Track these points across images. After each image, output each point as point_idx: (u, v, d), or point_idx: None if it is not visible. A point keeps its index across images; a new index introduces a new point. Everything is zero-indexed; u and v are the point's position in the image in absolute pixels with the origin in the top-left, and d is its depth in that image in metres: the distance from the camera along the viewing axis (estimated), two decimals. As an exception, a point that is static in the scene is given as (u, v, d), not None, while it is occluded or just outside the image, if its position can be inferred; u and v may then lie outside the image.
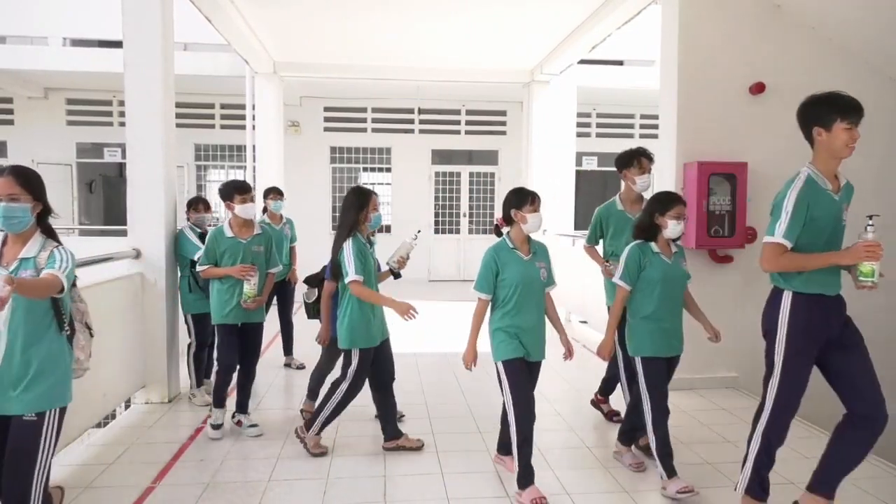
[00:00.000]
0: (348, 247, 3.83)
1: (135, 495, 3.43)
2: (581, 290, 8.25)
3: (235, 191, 4.29)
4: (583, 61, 9.48)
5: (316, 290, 4.67)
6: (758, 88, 5.37)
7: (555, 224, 10.14)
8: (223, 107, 12.72)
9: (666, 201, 3.56)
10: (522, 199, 3.55)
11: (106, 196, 14.24)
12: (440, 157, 13.41)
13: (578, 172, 11.21)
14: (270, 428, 4.48)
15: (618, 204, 4.58)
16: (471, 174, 13.39)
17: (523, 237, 3.57)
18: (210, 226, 5.19)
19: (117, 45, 5.52)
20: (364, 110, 13.13)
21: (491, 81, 10.68)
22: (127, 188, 5.00)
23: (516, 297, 3.40)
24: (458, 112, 13.30)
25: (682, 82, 5.31)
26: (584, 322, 8.31)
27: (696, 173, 5.20)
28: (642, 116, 13.34)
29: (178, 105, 5.44)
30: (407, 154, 13.19)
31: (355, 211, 3.95)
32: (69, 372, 2.61)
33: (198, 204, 5.13)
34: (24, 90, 11.92)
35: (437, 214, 13.35)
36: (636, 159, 4.47)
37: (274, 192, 6.01)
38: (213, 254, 4.25)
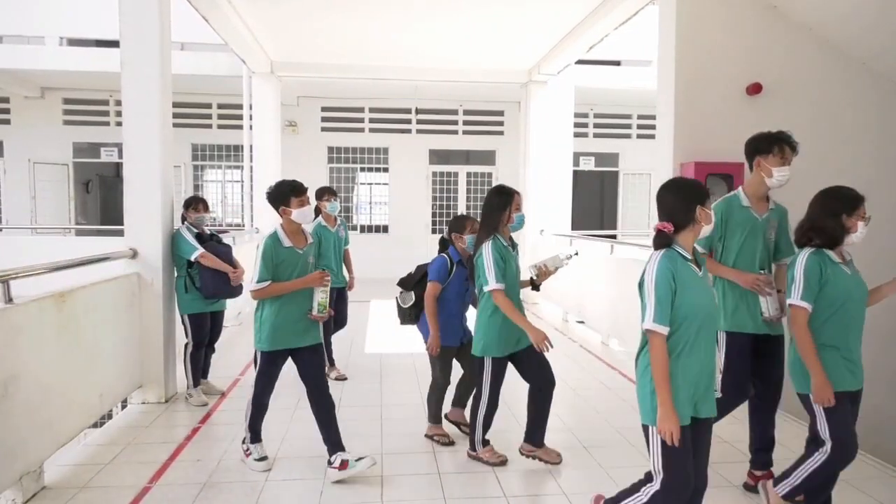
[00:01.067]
0: (488, 250, 3.55)
1: (131, 495, 3.42)
2: (578, 290, 8.26)
3: (292, 192, 3.66)
4: (580, 61, 9.50)
5: (412, 293, 4.26)
6: (755, 89, 5.38)
7: (552, 224, 10.16)
8: (220, 106, 12.70)
9: (853, 199, 3.03)
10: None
11: (102, 196, 14.23)
12: (438, 157, 13.41)
13: (575, 172, 11.22)
14: (269, 428, 4.47)
15: (742, 199, 3.71)
16: (468, 174, 13.39)
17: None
18: (207, 226, 5.17)
19: (114, 44, 5.50)
20: (361, 110, 13.12)
21: (488, 81, 10.68)
22: (124, 188, 4.99)
23: None
24: (455, 112, 13.30)
25: (679, 83, 5.31)
26: (582, 322, 8.31)
27: (693, 174, 5.20)
28: (639, 117, 13.36)
29: (175, 105, 5.42)
30: (404, 154, 13.19)
31: (497, 211, 3.66)
32: None
33: (197, 204, 5.05)
34: (21, 90, 11.89)
35: (434, 214, 13.34)
36: (777, 146, 3.55)
37: (329, 193, 5.60)
38: (272, 267, 3.56)
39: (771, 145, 3.55)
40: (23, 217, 12.22)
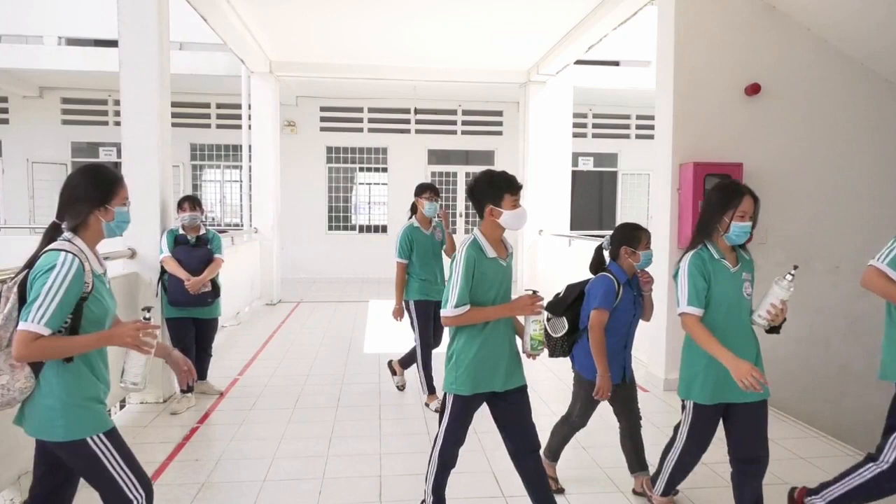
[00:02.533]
0: (686, 263, 2.79)
1: (129, 495, 3.41)
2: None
3: (508, 188, 2.78)
4: (579, 62, 9.50)
5: (564, 319, 3.42)
6: (753, 89, 5.38)
7: (551, 224, 10.17)
8: (219, 106, 12.70)
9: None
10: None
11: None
12: (437, 157, 13.41)
13: (574, 173, 11.23)
14: (268, 428, 4.47)
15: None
16: (467, 174, 13.39)
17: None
18: (204, 225, 5.12)
19: (113, 44, 5.52)
20: (360, 110, 13.12)
21: (487, 82, 10.68)
22: (122, 187, 4.98)
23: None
24: (454, 112, 13.30)
25: (678, 83, 5.32)
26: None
27: (692, 174, 5.21)
28: (638, 117, 13.37)
29: (173, 104, 5.42)
30: (403, 154, 13.19)
31: (718, 212, 2.79)
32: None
33: (182, 203, 4.91)
34: (19, 89, 11.88)
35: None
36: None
37: (430, 190, 4.93)
38: (471, 286, 2.75)
39: None
40: (21, 217, 12.21)
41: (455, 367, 2.80)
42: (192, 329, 4.97)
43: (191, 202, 4.91)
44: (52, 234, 2.18)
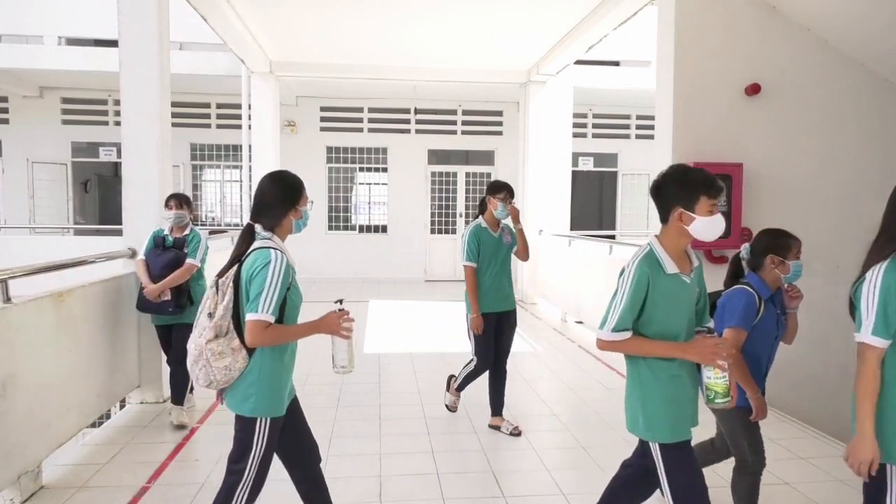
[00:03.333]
0: (880, 276, 2.11)
1: (130, 495, 3.42)
2: (576, 290, 8.26)
3: (707, 189, 2.23)
4: (579, 62, 9.50)
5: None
6: (753, 89, 5.38)
7: (551, 225, 10.17)
8: (219, 106, 12.69)
9: None
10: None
11: (101, 195, 14.21)
12: (437, 157, 13.41)
13: (574, 173, 11.22)
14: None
15: None
16: (467, 174, 13.39)
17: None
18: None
19: (113, 44, 5.51)
20: (360, 110, 13.12)
21: (487, 82, 10.68)
22: (122, 188, 4.99)
23: None
24: (454, 112, 13.30)
25: (678, 83, 5.32)
26: (580, 322, 8.32)
27: (692, 174, 5.20)
28: (638, 117, 13.36)
29: (173, 104, 5.41)
30: (403, 154, 13.18)
31: None
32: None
33: (168, 201, 4.55)
34: (19, 89, 11.87)
35: (433, 215, 13.34)
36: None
37: (506, 190, 4.35)
38: (639, 306, 2.32)
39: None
40: (21, 217, 12.20)
41: (644, 405, 2.32)
42: (166, 337, 4.62)
43: (177, 200, 4.53)
44: (249, 234, 2.46)
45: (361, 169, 13.36)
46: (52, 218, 12.36)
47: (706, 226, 2.24)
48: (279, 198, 2.46)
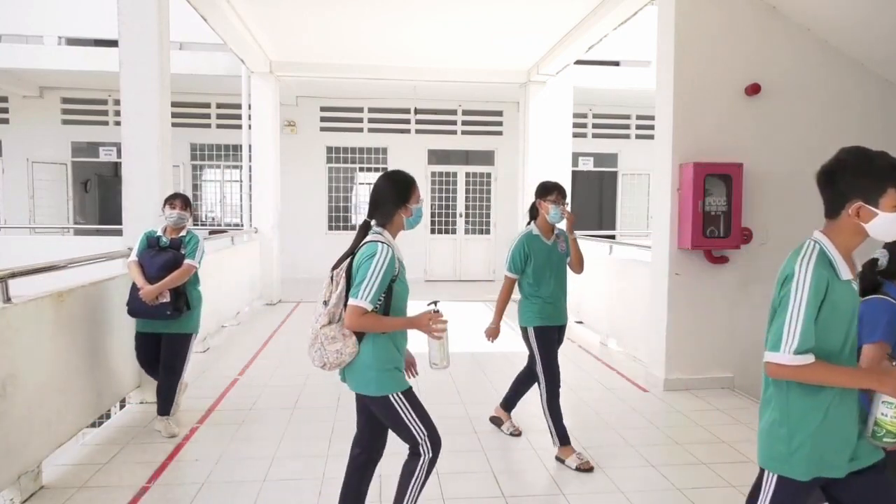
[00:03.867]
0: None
1: (130, 495, 3.42)
2: (577, 290, 8.26)
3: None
4: (579, 62, 9.50)
5: None
6: (753, 89, 5.39)
7: (551, 224, 10.16)
8: (219, 106, 12.69)
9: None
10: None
11: (101, 195, 14.22)
12: (437, 157, 13.41)
13: (574, 173, 11.22)
14: (267, 428, 4.47)
15: None
16: (467, 174, 13.39)
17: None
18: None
19: (113, 44, 5.52)
20: (360, 110, 13.12)
21: (487, 82, 10.68)
22: (122, 188, 4.99)
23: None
24: (454, 112, 13.30)
25: (678, 83, 5.32)
26: (580, 322, 8.32)
27: (692, 174, 5.21)
28: (638, 117, 13.36)
29: (173, 104, 5.42)
30: (403, 154, 13.17)
31: None
32: None
33: (173, 200, 4.34)
34: (19, 89, 11.88)
35: (433, 215, 13.34)
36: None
37: (558, 192, 4.09)
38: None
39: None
40: (21, 216, 12.20)
41: (788, 441, 1.93)
42: (152, 345, 4.34)
43: (182, 200, 4.36)
44: (364, 229, 2.67)
45: (361, 169, 13.36)
46: (52, 218, 12.36)
47: (890, 224, 1.86)
48: (391, 196, 2.65)
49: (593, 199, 14.41)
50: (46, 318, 3.61)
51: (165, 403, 4.32)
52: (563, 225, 4.17)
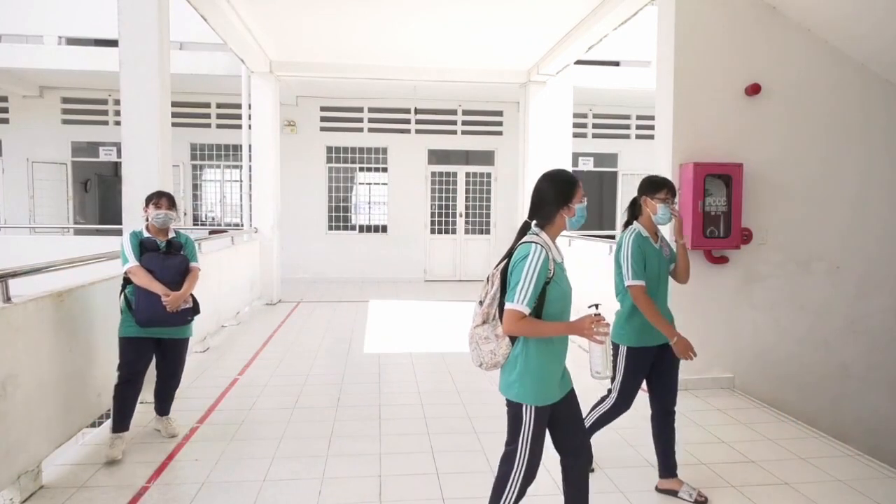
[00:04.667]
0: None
1: (129, 495, 3.42)
2: (577, 291, 8.25)
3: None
4: (579, 62, 9.50)
5: None
6: (753, 89, 5.39)
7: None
8: (219, 106, 12.69)
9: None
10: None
11: (101, 195, 14.23)
12: (437, 157, 13.40)
13: (574, 173, 11.20)
14: (267, 428, 4.47)
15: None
16: (467, 174, 13.39)
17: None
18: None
19: (113, 43, 5.51)
20: (360, 110, 13.12)
21: (487, 82, 10.68)
22: (122, 187, 4.99)
23: None
24: (454, 112, 13.29)
25: (678, 83, 5.32)
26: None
27: (692, 174, 5.21)
28: (638, 117, 13.36)
29: (173, 104, 5.42)
30: (403, 154, 13.18)
31: None
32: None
33: (158, 199, 4.09)
34: (20, 89, 11.87)
35: (433, 215, 13.34)
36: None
37: (667, 189, 3.52)
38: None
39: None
40: (21, 216, 12.21)
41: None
42: (150, 352, 4.12)
43: (168, 199, 4.08)
44: (524, 230, 2.61)
45: (361, 169, 13.36)
46: (52, 218, 12.36)
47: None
48: (552, 196, 2.57)
49: (593, 199, 14.38)
50: (46, 318, 3.61)
51: (165, 404, 4.31)
52: (665, 229, 3.76)
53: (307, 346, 7.09)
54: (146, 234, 4.06)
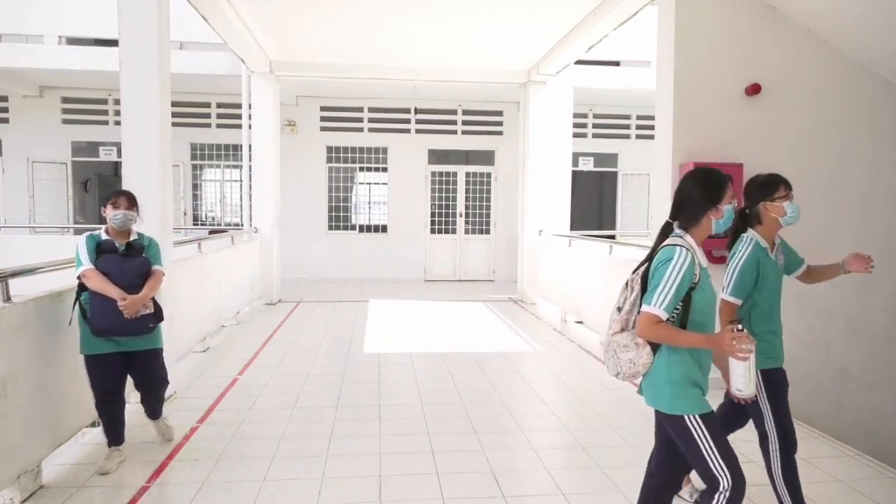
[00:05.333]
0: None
1: (129, 495, 3.42)
2: (577, 290, 8.26)
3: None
4: (579, 62, 9.50)
5: None
6: (753, 89, 5.39)
7: (551, 225, 10.17)
8: (219, 106, 12.69)
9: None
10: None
11: (101, 195, 14.22)
12: (437, 156, 13.41)
13: (574, 173, 11.22)
14: (267, 428, 4.48)
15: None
16: (467, 174, 13.39)
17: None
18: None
19: (113, 43, 5.51)
20: (360, 110, 13.12)
21: (487, 82, 10.68)
22: (122, 187, 4.98)
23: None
24: (454, 112, 13.30)
25: (678, 83, 5.32)
26: (580, 323, 8.31)
27: (692, 174, 5.21)
28: (638, 117, 13.37)
29: (174, 104, 5.41)
30: (403, 154, 13.19)
31: None
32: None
33: (117, 198, 3.75)
34: (20, 88, 11.88)
35: (433, 214, 13.34)
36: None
37: (785, 186, 3.15)
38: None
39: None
40: (21, 216, 12.21)
41: None
42: (119, 368, 3.77)
43: (128, 199, 3.76)
44: (665, 231, 2.48)
45: (361, 169, 13.36)
46: (52, 217, 12.36)
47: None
48: (698, 196, 2.42)
49: (593, 198, 14.42)
50: (46, 317, 3.61)
51: (154, 409, 4.09)
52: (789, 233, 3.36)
53: (307, 346, 7.09)
54: (104, 237, 3.73)
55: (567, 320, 8.69)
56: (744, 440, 4.24)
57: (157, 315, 3.82)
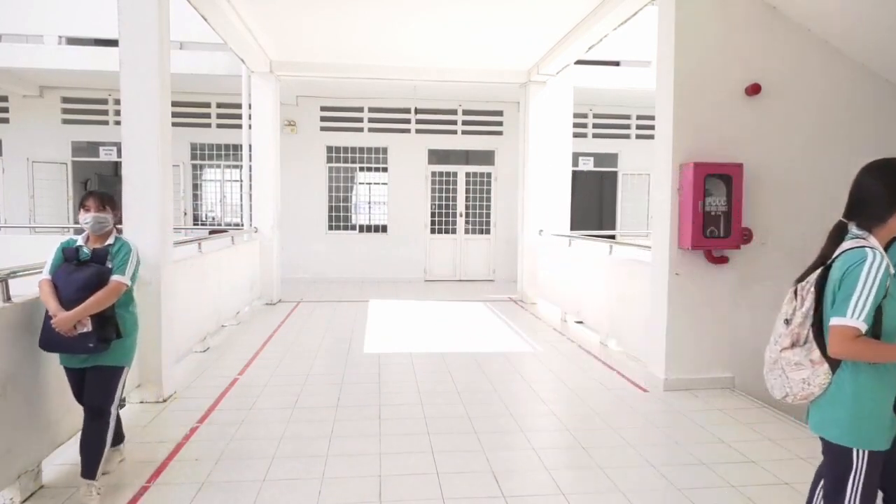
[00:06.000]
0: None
1: (129, 495, 3.42)
2: (577, 290, 8.26)
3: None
4: (579, 62, 9.50)
5: None
6: (753, 89, 5.39)
7: (551, 224, 10.17)
8: (219, 106, 12.69)
9: None
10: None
11: (101, 195, 14.21)
12: (437, 156, 13.41)
13: (574, 173, 11.22)
14: (267, 428, 4.48)
15: None
16: (467, 174, 13.39)
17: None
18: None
19: (113, 43, 5.51)
20: (360, 110, 13.12)
21: (487, 82, 10.68)
22: (122, 187, 4.99)
23: None
24: (454, 112, 13.30)
25: (678, 83, 5.32)
26: (580, 322, 8.32)
27: (692, 174, 5.21)
28: (638, 117, 13.37)
29: (174, 104, 5.41)
30: (403, 154, 13.19)
31: None
32: None
33: (86, 200, 3.45)
34: (20, 88, 11.88)
35: (433, 214, 13.34)
36: None
37: None
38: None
39: None
40: (21, 216, 12.22)
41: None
42: (75, 380, 3.51)
43: (98, 200, 3.43)
44: (838, 232, 2.19)
45: (361, 169, 13.36)
46: (52, 217, 12.37)
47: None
48: (883, 192, 2.10)
49: (593, 198, 14.42)
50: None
51: (89, 460, 3.34)
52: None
53: (307, 345, 7.09)
54: (80, 243, 3.45)
55: (567, 320, 8.69)
56: (743, 440, 4.24)
57: (102, 334, 3.31)
